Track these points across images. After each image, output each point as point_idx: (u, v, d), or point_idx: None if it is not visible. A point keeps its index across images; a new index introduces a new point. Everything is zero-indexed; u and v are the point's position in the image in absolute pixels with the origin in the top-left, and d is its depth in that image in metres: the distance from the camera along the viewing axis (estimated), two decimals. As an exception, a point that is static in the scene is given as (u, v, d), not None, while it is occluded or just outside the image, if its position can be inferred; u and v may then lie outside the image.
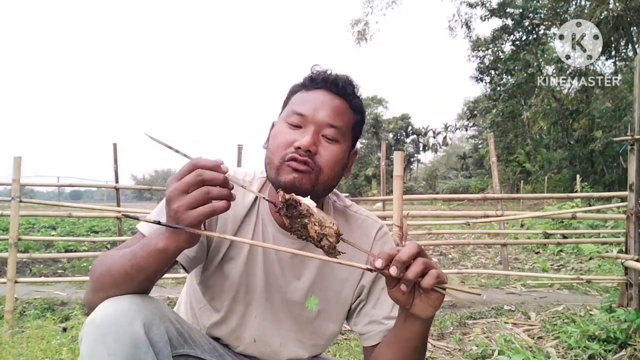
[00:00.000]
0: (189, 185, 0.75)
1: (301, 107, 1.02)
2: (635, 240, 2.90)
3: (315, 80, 1.05)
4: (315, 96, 1.04)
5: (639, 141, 2.81)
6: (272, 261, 1.10)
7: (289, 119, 1.02)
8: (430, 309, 0.84)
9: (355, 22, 22.01)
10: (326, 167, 1.00)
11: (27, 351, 2.54)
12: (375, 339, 1.09)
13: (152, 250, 0.81)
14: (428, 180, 48.57)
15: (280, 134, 1.02)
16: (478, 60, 21.69)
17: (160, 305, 0.92)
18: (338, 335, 1.21)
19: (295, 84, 1.11)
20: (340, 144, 1.03)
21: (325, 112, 1.02)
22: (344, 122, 1.04)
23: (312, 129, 1.00)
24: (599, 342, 2.53)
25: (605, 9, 14.09)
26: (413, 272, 0.77)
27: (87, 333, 0.82)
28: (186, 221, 0.75)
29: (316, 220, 0.81)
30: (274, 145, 1.02)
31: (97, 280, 0.89)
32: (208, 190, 0.75)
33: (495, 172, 5.39)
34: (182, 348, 0.96)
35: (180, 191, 0.75)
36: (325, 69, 1.09)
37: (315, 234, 0.82)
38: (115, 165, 6.65)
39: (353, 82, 1.09)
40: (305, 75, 1.09)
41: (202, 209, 0.75)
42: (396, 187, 2.88)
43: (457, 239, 6.48)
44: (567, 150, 18.94)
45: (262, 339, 1.12)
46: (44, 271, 5.46)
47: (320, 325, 1.14)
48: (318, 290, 1.11)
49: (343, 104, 1.05)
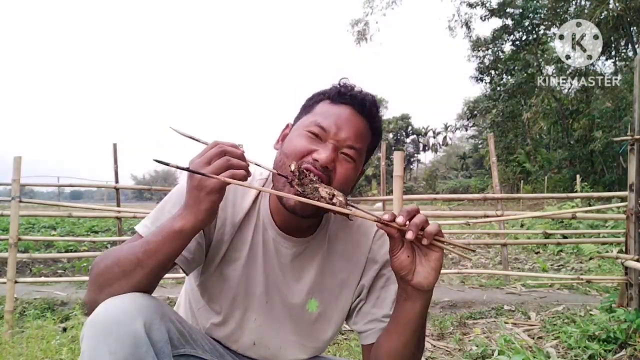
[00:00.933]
0: (212, 156, 0.82)
1: (325, 120, 1.01)
2: (635, 240, 2.90)
3: (343, 95, 1.04)
4: (340, 112, 1.02)
5: (639, 141, 2.81)
6: (272, 264, 1.09)
7: (310, 128, 1.01)
8: (432, 273, 0.87)
9: (355, 22, 22.03)
10: (338, 184, 0.99)
11: (27, 351, 2.54)
12: (375, 336, 1.09)
13: (166, 232, 0.84)
14: (428, 180, 48.55)
15: (298, 139, 1.01)
16: (478, 60, 21.73)
17: (161, 304, 0.92)
18: (337, 335, 1.21)
19: (320, 91, 1.09)
20: (356, 164, 1.03)
21: (349, 131, 1.01)
22: (362, 144, 1.04)
23: (331, 145, 0.99)
24: (599, 342, 2.53)
25: (605, 9, 14.10)
26: (417, 220, 0.83)
27: (88, 332, 0.82)
28: (210, 186, 0.81)
29: (325, 186, 0.92)
30: (290, 149, 1.00)
31: (102, 275, 0.88)
32: (229, 158, 0.82)
33: (495, 172, 5.39)
34: (183, 348, 0.96)
35: (203, 162, 0.82)
36: (352, 84, 1.07)
37: (327, 194, 0.89)
38: (115, 165, 6.65)
39: (377, 104, 1.08)
40: (332, 86, 1.07)
41: (222, 176, 0.81)
42: (396, 187, 2.88)
43: (457, 239, 6.48)
44: (567, 150, 18.96)
45: (262, 341, 1.12)
46: (44, 271, 5.46)
47: (320, 327, 1.13)
48: (318, 292, 1.11)
49: (366, 125, 1.04)
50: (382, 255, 1.13)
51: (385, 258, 1.12)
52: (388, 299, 1.10)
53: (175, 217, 0.85)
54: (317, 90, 1.10)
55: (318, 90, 1.09)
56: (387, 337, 1.02)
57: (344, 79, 1.08)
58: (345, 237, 1.14)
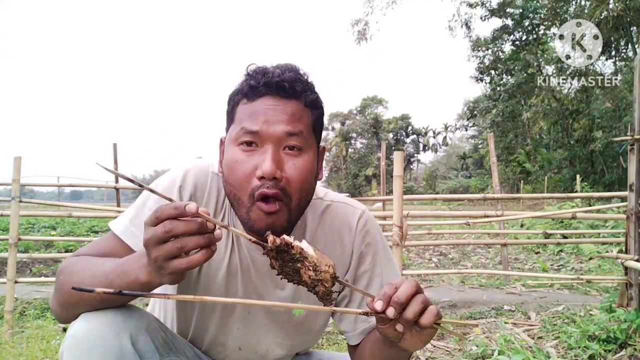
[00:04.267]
0: (160, 237, 0.69)
1: (251, 123, 0.88)
2: (635, 240, 2.89)
3: (257, 89, 0.90)
4: (262, 106, 0.89)
5: (639, 141, 2.81)
6: (249, 274, 1.02)
7: (240, 139, 0.89)
8: (420, 344, 0.80)
9: (355, 22, 22.03)
10: (296, 190, 0.89)
11: (27, 351, 2.54)
12: (359, 338, 1.06)
13: (131, 281, 0.75)
14: (428, 180, 48.56)
15: (235, 162, 0.89)
16: (478, 60, 21.74)
17: (145, 314, 0.90)
18: (326, 325, 1.17)
19: (234, 91, 0.95)
20: (305, 152, 0.91)
21: (280, 122, 0.88)
22: (303, 125, 0.91)
23: (270, 147, 0.87)
24: (599, 342, 2.52)
25: (605, 9, 14.09)
26: (412, 312, 0.74)
27: (69, 348, 0.78)
28: (167, 270, 0.70)
29: (310, 265, 0.74)
30: (234, 178, 0.89)
31: (67, 296, 0.83)
32: (181, 246, 0.69)
33: (495, 172, 5.39)
34: (169, 356, 0.93)
35: (155, 242, 0.69)
36: (263, 66, 0.93)
37: (309, 279, 0.74)
38: (115, 165, 6.66)
39: (301, 74, 0.93)
40: (242, 80, 0.93)
41: (178, 263, 0.70)
42: (396, 187, 2.88)
43: (457, 239, 6.48)
44: (567, 150, 18.96)
45: (248, 347, 1.08)
46: (44, 271, 5.47)
47: (308, 326, 1.10)
48: (305, 295, 1.03)
49: (297, 105, 0.91)
50: (364, 247, 1.05)
51: (368, 250, 1.06)
52: None
53: (140, 267, 0.75)
54: (231, 91, 0.96)
55: (232, 91, 0.96)
56: (370, 356, 1.00)
57: (250, 65, 0.94)
58: (326, 233, 1.05)
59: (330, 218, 1.06)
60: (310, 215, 1.04)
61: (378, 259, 1.06)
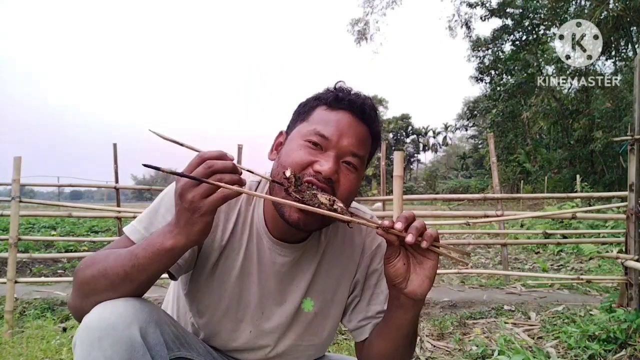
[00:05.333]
0: (200, 176, 0.76)
1: (325, 129, 0.96)
2: (635, 240, 2.89)
3: (342, 100, 0.99)
4: (339, 118, 0.97)
5: (639, 141, 2.81)
6: (267, 275, 1.06)
7: (309, 137, 0.96)
8: (426, 281, 0.86)
9: (355, 21, 22.05)
10: (342, 198, 0.94)
11: (27, 351, 2.54)
12: (367, 332, 1.09)
13: (157, 249, 0.80)
14: (428, 180, 48.57)
15: (297, 150, 0.95)
16: (478, 60, 21.74)
17: (156, 308, 0.91)
18: (335, 332, 1.21)
19: (315, 96, 1.03)
20: (359, 172, 0.99)
21: (351, 139, 0.96)
22: (366, 151, 1.00)
23: (333, 154, 0.94)
24: (599, 342, 2.53)
25: (605, 9, 14.09)
26: (417, 224, 0.82)
27: (82, 337, 0.80)
28: (202, 209, 0.76)
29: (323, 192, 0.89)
30: (289, 161, 0.94)
31: (88, 283, 0.86)
32: (220, 178, 0.76)
33: (495, 172, 5.39)
34: (179, 351, 0.95)
35: (193, 184, 0.76)
36: (349, 87, 1.03)
37: (327, 200, 0.86)
38: (115, 165, 6.65)
39: (375, 107, 1.04)
40: (327, 90, 1.03)
41: (216, 196, 0.77)
42: (396, 187, 2.88)
43: (457, 239, 6.48)
44: (567, 150, 18.97)
45: (258, 347, 1.11)
46: (44, 271, 5.46)
47: (318, 325, 1.13)
48: (314, 292, 1.10)
49: (366, 131, 1.00)
50: (374, 249, 1.13)
51: (378, 250, 1.13)
52: (381, 296, 1.11)
53: (165, 233, 0.80)
54: (311, 95, 1.05)
55: (312, 95, 1.04)
56: (379, 339, 1.03)
57: (340, 82, 1.04)
58: (339, 235, 1.12)
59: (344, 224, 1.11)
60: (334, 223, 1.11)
61: None
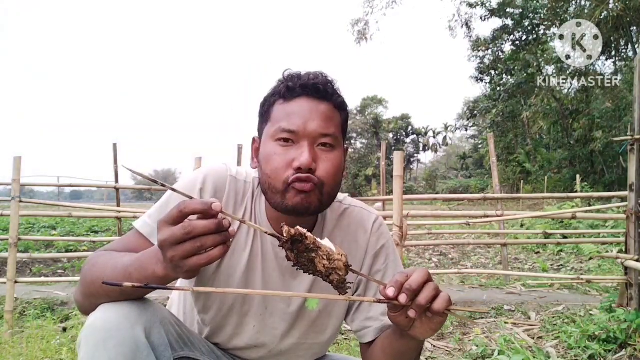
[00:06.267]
0: (178, 237, 0.70)
1: (289, 123, 0.96)
2: (635, 240, 2.90)
3: (294, 90, 0.98)
4: (298, 107, 0.98)
5: (639, 141, 2.81)
6: (271, 270, 1.07)
7: (277, 136, 0.97)
8: (430, 332, 0.83)
9: (355, 21, 22.06)
10: (328, 179, 0.96)
11: (27, 351, 2.54)
12: (372, 335, 1.09)
13: (149, 275, 0.78)
14: (428, 180, 48.57)
15: (273, 155, 0.96)
16: (478, 60, 21.75)
17: (160, 308, 0.92)
18: (339, 331, 1.20)
19: (270, 93, 1.03)
20: (336, 149, 1.00)
21: (316, 122, 0.96)
22: (335, 126, 1.00)
23: (306, 143, 0.95)
24: (599, 342, 2.53)
25: (605, 9, 14.09)
26: (425, 298, 0.77)
27: (86, 337, 0.81)
28: (184, 269, 0.72)
29: (324, 254, 0.76)
30: (271, 168, 0.96)
31: (88, 286, 0.88)
32: (201, 245, 0.70)
33: (495, 172, 5.39)
34: (183, 351, 0.96)
35: (172, 242, 0.70)
36: (297, 72, 1.02)
37: (324, 268, 0.77)
38: (115, 165, 6.65)
39: (330, 79, 1.03)
40: (278, 83, 1.02)
41: (197, 259, 0.71)
42: (396, 187, 2.88)
43: (457, 239, 6.48)
44: (567, 150, 18.96)
45: (261, 344, 1.11)
46: (44, 271, 5.47)
47: (321, 324, 1.13)
48: (319, 289, 1.10)
49: (329, 107, 1.00)
50: (378, 249, 1.13)
51: (382, 251, 1.13)
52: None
53: (157, 261, 0.77)
54: (267, 93, 1.05)
55: (267, 93, 1.04)
56: (383, 355, 1.02)
57: (286, 70, 1.03)
58: (343, 233, 1.12)
59: (348, 220, 1.13)
60: (329, 216, 1.12)
61: (390, 260, 1.14)
